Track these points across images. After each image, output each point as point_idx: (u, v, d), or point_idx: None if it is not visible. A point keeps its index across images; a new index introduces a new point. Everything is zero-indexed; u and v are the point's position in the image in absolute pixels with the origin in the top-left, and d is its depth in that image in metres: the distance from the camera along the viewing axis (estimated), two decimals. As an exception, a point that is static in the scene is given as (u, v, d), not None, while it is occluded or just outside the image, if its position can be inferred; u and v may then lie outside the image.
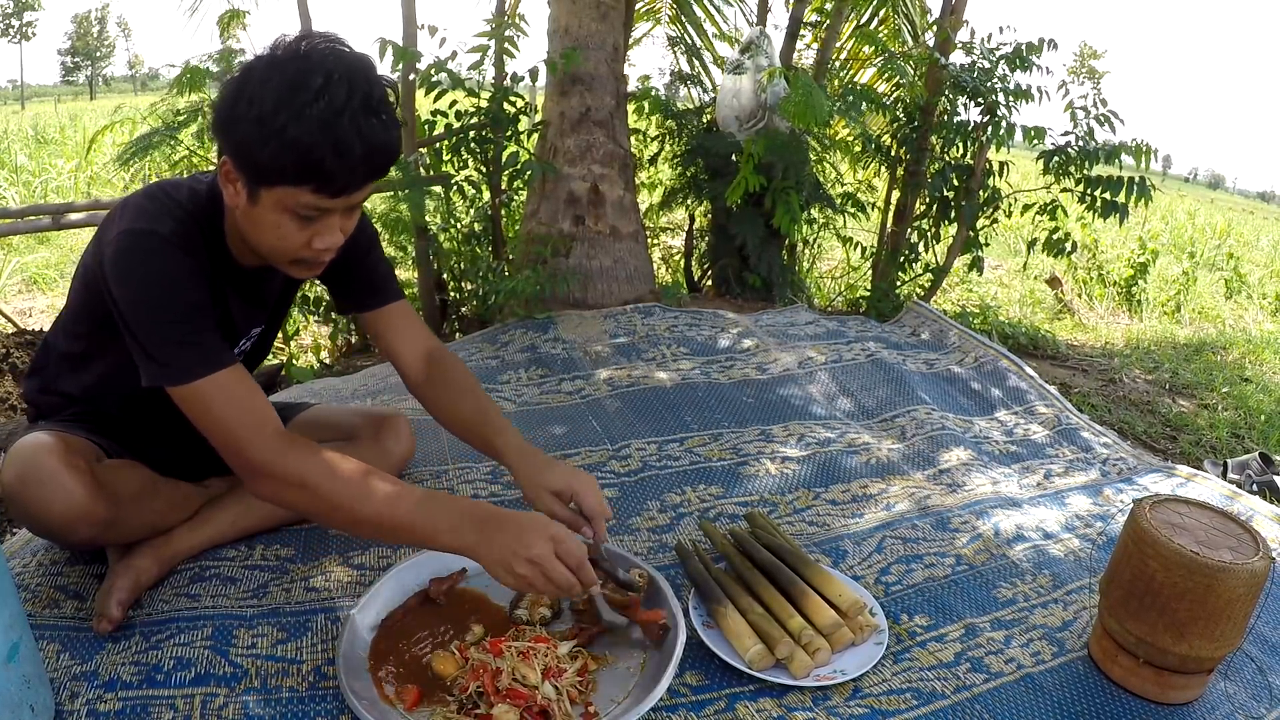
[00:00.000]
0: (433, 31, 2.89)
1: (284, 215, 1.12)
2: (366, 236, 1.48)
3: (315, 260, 1.20)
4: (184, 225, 1.18)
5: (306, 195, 1.09)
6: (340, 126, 1.04)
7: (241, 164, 1.10)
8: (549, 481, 1.33)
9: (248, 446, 1.14)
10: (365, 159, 1.08)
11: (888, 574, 1.56)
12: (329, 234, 1.16)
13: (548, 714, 1.11)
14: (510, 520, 1.12)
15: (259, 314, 1.44)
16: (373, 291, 1.49)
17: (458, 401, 1.47)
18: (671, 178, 4.04)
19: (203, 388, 1.14)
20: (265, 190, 1.10)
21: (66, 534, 1.27)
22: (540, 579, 1.10)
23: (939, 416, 2.22)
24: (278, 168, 1.07)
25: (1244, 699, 1.29)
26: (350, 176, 1.09)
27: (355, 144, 1.05)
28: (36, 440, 1.27)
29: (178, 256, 1.15)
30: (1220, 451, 2.56)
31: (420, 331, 1.51)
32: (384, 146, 1.10)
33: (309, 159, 1.05)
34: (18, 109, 20.00)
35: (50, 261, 4.84)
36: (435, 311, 3.32)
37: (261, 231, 1.16)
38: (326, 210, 1.13)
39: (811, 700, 1.24)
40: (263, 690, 1.20)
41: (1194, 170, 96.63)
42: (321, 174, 1.07)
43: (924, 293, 3.84)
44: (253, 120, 1.05)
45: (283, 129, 1.03)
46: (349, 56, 1.09)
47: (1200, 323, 5.14)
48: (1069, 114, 3.27)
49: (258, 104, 1.04)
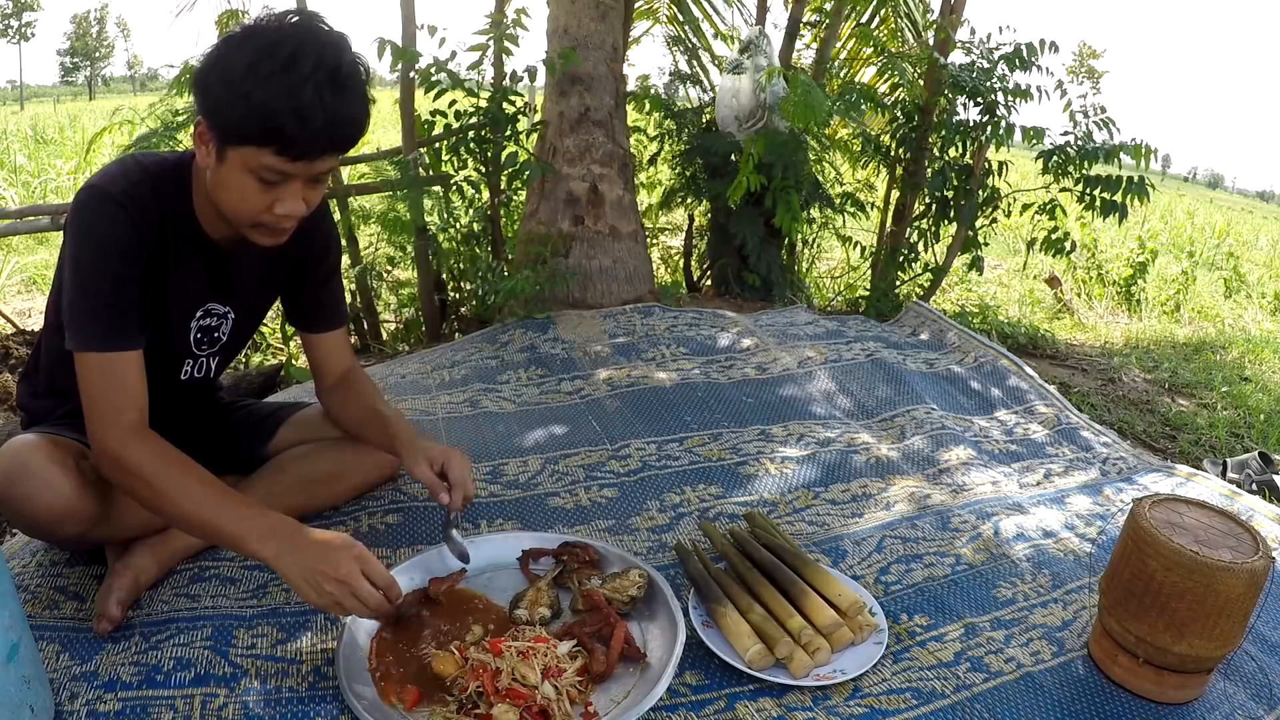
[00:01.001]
0: (432, 31, 2.89)
1: (248, 176, 1.17)
2: (329, 263, 1.55)
3: (276, 226, 1.24)
4: (139, 188, 1.23)
5: (269, 157, 1.14)
6: (303, 95, 1.10)
7: (212, 123, 1.16)
8: (427, 450, 1.44)
9: (101, 428, 1.21)
10: (326, 128, 1.13)
11: (887, 573, 1.56)
12: (290, 200, 1.21)
13: (547, 714, 1.11)
14: (315, 540, 1.18)
15: (221, 292, 1.43)
16: (323, 318, 1.58)
17: (355, 403, 1.56)
18: (671, 178, 4.04)
19: (90, 360, 1.21)
20: (232, 150, 1.16)
21: (54, 530, 1.27)
22: (348, 598, 1.15)
23: (939, 416, 2.22)
24: (243, 129, 1.12)
25: (1243, 698, 1.29)
26: (310, 143, 1.14)
27: (317, 113, 1.11)
28: (22, 440, 1.28)
29: (120, 220, 1.20)
30: (1219, 451, 2.56)
31: (347, 355, 1.62)
32: (346, 119, 1.15)
33: (271, 122, 1.11)
34: (17, 109, 19.98)
35: (49, 262, 4.83)
36: (435, 311, 3.32)
37: (226, 192, 1.21)
38: (288, 175, 1.18)
39: (811, 700, 1.24)
40: (262, 690, 1.20)
41: (1193, 169, 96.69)
42: (282, 138, 1.12)
43: (923, 292, 3.84)
44: (225, 83, 1.11)
45: (249, 93, 1.09)
46: (323, 33, 1.15)
47: (1199, 322, 5.14)
48: (1068, 114, 3.27)
49: (231, 68, 1.11)
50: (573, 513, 1.72)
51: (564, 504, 1.75)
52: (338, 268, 1.59)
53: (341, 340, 1.60)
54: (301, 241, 1.46)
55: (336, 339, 1.59)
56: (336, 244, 1.57)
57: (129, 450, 1.20)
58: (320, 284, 1.55)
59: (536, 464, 1.91)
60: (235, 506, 1.20)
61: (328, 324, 1.58)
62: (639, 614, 1.36)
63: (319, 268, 1.53)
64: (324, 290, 1.56)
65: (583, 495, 1.79)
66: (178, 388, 1.46)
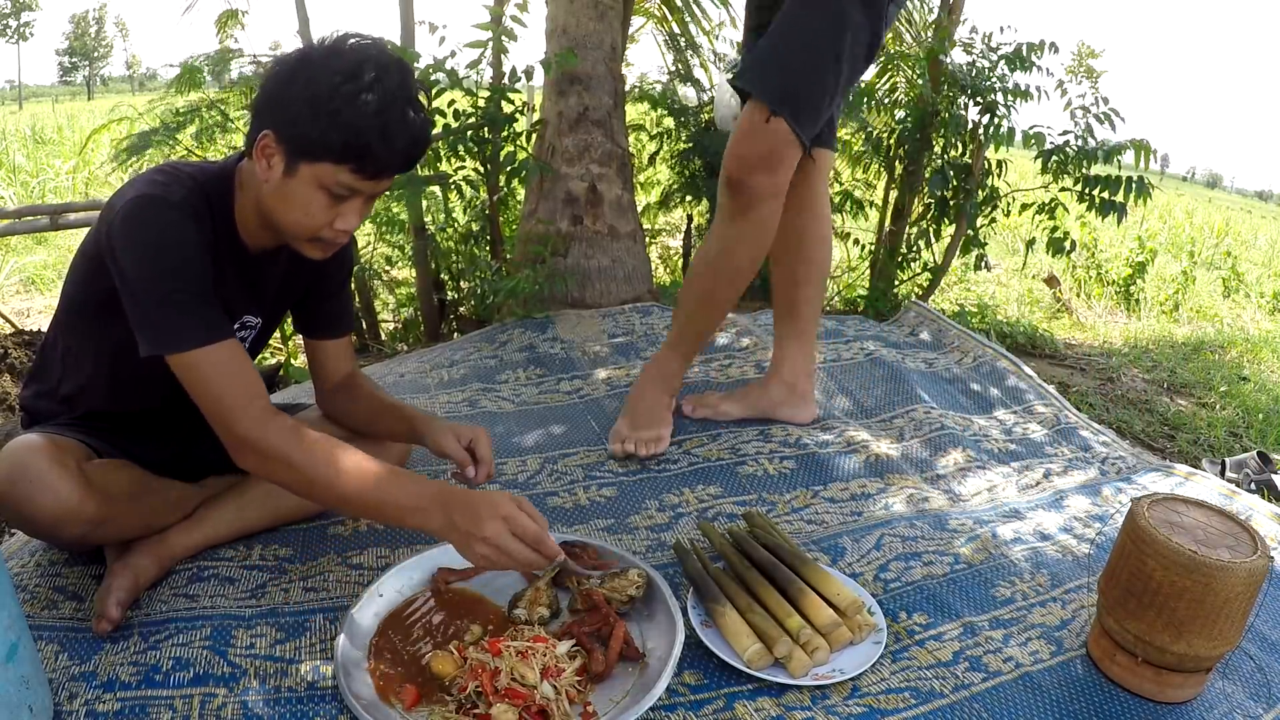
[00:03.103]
0: (433, 29, 2.88)
1: (318, 192, 1.20)
2: (344, 271, 1.58)
3: (332, 240, 1.28)
4: (193, 195, 1.25)
5: (345, 174, 1.18)
6: (389, 115, 1.15)
7: (286, 138, 1.18)
8: (453, 426, 1.48)
9: (234, 419, 1.19)
10: (406, 148, 1.20)
11: (886, 571, 1.56)
12: (352, 215, 1.24)
13: (546, 714, 1.11)
14: (465, 501, 1.17)
15: (254, 303, 1.46)
16: (331, 325, 1.59)
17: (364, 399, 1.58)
18: (670, 177, 4.04)
19: (198, 357, 1.19)
20: (306, 165, 1.19)
21: (56, 531, 1.27)
22: (500, 558, 1.15)
23: (938, 415, 2.22)
24: (326, 144, 1.16)
25: (1242, 698, 1.30)
26: (390, 161, 1.19)
27: (400, 132, 1.17)
28: (24, 440, 1.28)
29: (187, 224, 1.21)
30: (1218, 450, 2.57)
31: (349, 360, 1.63)
32: (423, 139, 1.22)
33: (358, 140, 1.15)
34: (15, 109, 19.96)
35: (48, 262, 4.83)
36: (433, 311, 3.32)
37: (290, 206, 1.22)
38: (357, 192, 1.22)
39: (810, 699, 1.24)
40: (261, 690, 1.20)
41: (1192, 169, 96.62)
42: (366, 156, 1.16)
43: (922, 292, 3.84)
44: (307, 99, 1.15)
45: (337, 110, 1.13)
46: (394, 56, 1.20)
47: (1198, 321, 5.14)
48: (1068, 113, 3.27)
49: (314, 85, 1.15)
50: (571, 512, 1.72)
51: (563, 504, 1.75)
52: (350, 276, 1.61)
53: (346, 346, 1.62)
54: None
55: (342, 345, 1.61)
56: (349, 253, 1.59)
57: (269, 435, 1.18)
58: (333, 293, 1.57)
59: (535, 464, 1.91)
60: (388, 481, 1.19)
61: (335, 331, 1.59)
62: (638, 614, 1.36)
63: (335, 277, 1.55)
64: (335, 299, 1.57)
65: (581, 495, 1.79)
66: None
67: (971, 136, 3.42)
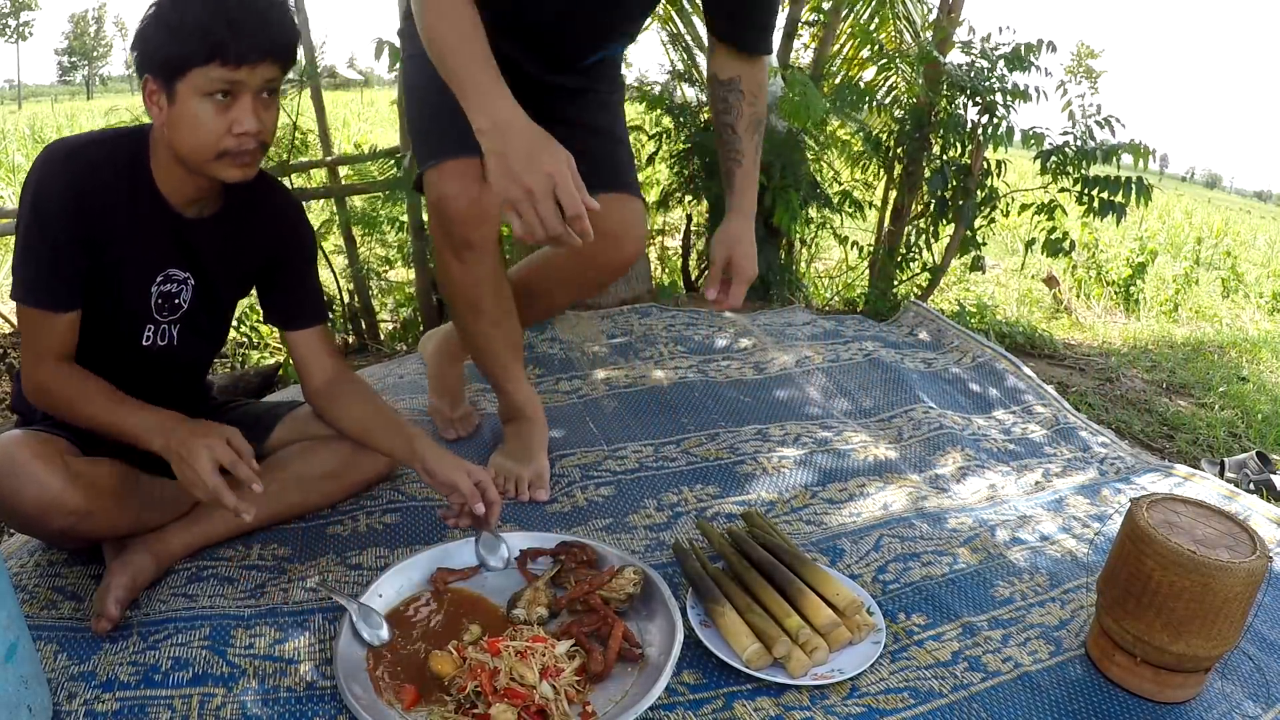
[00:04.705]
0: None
1: (201, 102, 1.22)
2: (304, 256, 1.57)
3: (239, 149, 1.27)
4: (89, 147, 1.30)
5: (215, 70, 1.20)
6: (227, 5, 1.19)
7: (156, 69, 1.23)
8: (464, 464, 1.46)
9: (29, 365, 1.34)
10: (259, 28, 1.21)
11: (885, 572, 1.56)
12: (244, 115, 1.24)
13: (545, 713, 1.12)
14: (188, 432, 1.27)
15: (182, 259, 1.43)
16: (301, 314, 1.58)
17: (356, 403, 1.56)
18: (669, 177, 4.03)
19: (23, 311, 1.31)
20: (180, 83, 1.22)
21: (42, 523, 1.28)
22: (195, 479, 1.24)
23: (937, 416, 2.22)
24: (184, 54, 1.20)
25: (1241, 698, 1.30)
26: (249, 46, 1.20)
27: (247, 16, 1.20)
28: (8, 435, 1.30)
29: (78, 173, 1.27)
30: (1217, 450, 2.57)
31: (332, 354, 1.61)
32: (274, 21, 1.23)
33: (210, 36, 1.18)
34: (14, 109, 19.96)
35: (47, 261, 4.82)
36: (433, 311, 3.32)
37: (185, 129, 1.25)
38: (238, 84, 1.22)
39: (809, 699, 1.24)
40: (260, 690, 1.20)
41: (1191, 169, 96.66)
42: (221, 47, 1.19)
43: (921, 292, 3.84)
44: (155, 25, 1.21)
45: (181, 18, 1.19)
46: None
47: (1197, 322, 5.14)
48: (1067, 114, 3.27)
49: (157, 10, 1.21)
50: (570, 513, 1.72)
51: (561, 505, 1.75)
52: (313, 261, 1.61)
53: (324, 337, 1.60)
54: (272, 230, 1.50)
55: (315, 336, 1.58)
56: (311, 237, 1.58)
57: (46, 378, 1.33)
58: (297, 280, 1.56)
59: (535, 464, 1.91)
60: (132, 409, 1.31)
61: (307, 320, 1.57)
62: (637, 614, 1.36)
63: (294, 261, 1.55)
64: (300, 286, 1.57)
65: (579, 496, 1.79)
66: (141, 355, 1.45)
67: (970, 137, 3.42)
